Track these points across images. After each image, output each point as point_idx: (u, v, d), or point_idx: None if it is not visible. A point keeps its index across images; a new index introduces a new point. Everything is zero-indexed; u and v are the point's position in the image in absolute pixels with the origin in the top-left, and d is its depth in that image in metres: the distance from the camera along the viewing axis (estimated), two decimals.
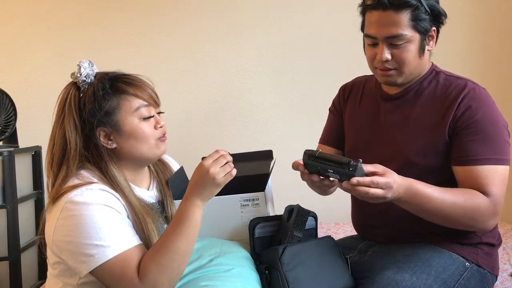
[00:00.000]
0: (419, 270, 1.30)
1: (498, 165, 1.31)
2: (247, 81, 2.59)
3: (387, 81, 1.43)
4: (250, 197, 1.39)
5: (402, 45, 1.35)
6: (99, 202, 1.19)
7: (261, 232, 1.36)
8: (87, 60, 1.31)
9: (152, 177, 1.44)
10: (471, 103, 1.34)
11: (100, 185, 1.23)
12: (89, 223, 1.15)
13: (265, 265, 1.30)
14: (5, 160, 2.11)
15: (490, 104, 1.37)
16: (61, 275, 1.26)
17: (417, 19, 1.33)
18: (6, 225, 2.11)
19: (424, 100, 1.42)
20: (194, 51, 2.58)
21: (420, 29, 1.35)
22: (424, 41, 1.38)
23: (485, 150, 1.32)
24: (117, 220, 1.20)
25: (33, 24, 2.55)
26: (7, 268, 2.13)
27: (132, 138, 1.29)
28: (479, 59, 2.55)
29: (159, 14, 2.57)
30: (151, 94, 1.33)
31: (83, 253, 1.15)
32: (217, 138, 2.60)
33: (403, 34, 1.33)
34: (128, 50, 2.55)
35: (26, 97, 2.53)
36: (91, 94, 1.28)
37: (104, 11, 2.56)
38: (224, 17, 2.58)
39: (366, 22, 1.40)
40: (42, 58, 2.55)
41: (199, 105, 2.59)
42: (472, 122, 1.33)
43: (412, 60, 1.37)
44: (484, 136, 1.32)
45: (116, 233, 1.17)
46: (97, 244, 1.14)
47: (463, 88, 1.37)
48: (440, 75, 1.45)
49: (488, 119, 1.34)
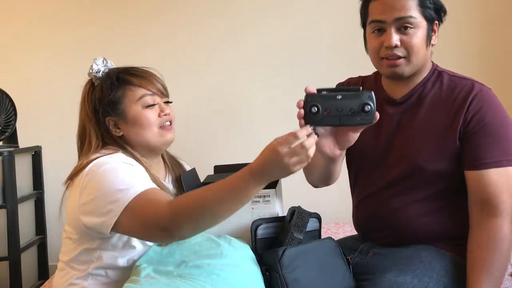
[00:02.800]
0: (420, 273, 1.29)
1: (510, 167, 1.31)
2: (247, 81, 2.59)
3: (393, 73, 1.36)
4: (261, 193, 1.39)
5: (411, 31, 1.31)
6: (120, 160, 1.28)
7: (263, 233, 1.35)
8: (102, 58, 1.42)
9: (167, 171, 1.50)
10: (480, 106, 1.32)
11: (123, 155, 1.32)
12: (109, 175, 1.22)
13: (266, 267, 1.29)
14: (5, 160, 2.11)
15: (497, 105, 1.35)
16: (76, 260, 1.30)
17: (424, 5, 1.32)
18: (6, 225, 2.12)
19: (429, 103, 1.39)
20: (194, 51, 2.58)
21: (428, 16, 1.33)
22: (431, 30, 1.35)
23: (496, 152, 1.30)
24: (135, 170, 1.27)
25: (33, 24, 2.55)
26: (7, 268, 2.13)
27: (136, 125, 1.37)
28: (482, 59, 2.55)
29: (159, 13, 2.57)
30: (156, 84, 1.40)
31: (109, 201, 1.19)
32: (217, 138, 2.60)
33: (413, 16, 1.30)
34: (129, 50, 2.54)
35: (26, 97, 2.52)
36: (100, 87, 1.38)
37: (104, 11, 2.56)
38: (224, 17, 2.58)
39: (371, 12, 1.36)
40: (42, 58, 2.55)
41: (199, 105, 2.59)
42: (483, 125, 1.31)
43: (421, 47, 1.33)
44: (495, 138, 1.31)
45: (136, 179, 1.23)
46: (120, 188, 1.19)
47: (471, 90, 1.34)
48: (443, 76, 1.41)
49: (498, 121, 1.32)
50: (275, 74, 2.59)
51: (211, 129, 2.60)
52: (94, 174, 1.23)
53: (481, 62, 2.53)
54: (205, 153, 2.56)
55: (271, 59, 2.58)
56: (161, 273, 1.19)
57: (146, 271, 1.20)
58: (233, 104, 2.60)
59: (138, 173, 1.27)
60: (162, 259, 1.25)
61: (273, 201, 1.39)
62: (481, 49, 2.54)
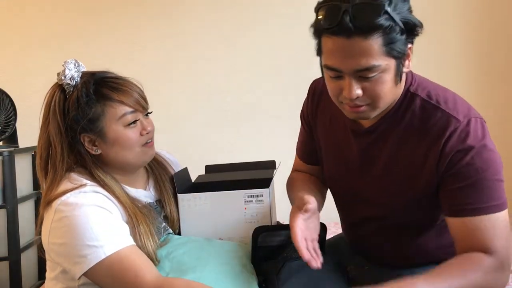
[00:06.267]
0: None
1: (496, 213, 1.11)
2: (248, 81, 2.59)
3: (357, 117, 1.17)
4: (254, 193, 1.38)
5: (375, 77, 1.06)
6: (91, 203, 1.18)
7: (263, 242, 1.31)
8: (73, 60, 1.28)
9: (149, 176, 1.43)
10: (458, 145, 1.10)
11: (93, 187, 1.23)
12: (81, 223, 1.14)
13: (263, 278, 1.26)
14: (5, 160, 2.11)
15: (480, 141, 1.11)
16: (60, 278, 1.25)
17: (391, 42, 1.03)
18: (6, 225, 2.11)
19: (401, 134, 1.18)
20: (194, 50, 2.58)
21: (396, 54, 1.05)
22: (400, 65, 1.09)
23: (480, 197, 1.10)
24: (110, 221, 1.18)
25: (33, 24, 2.56)
26: (7, 268, 2.13)
27: (116, 145, 1.27)
28: (483, 59, 2.55)
29: (159, 13, 2.57)
30: (137, 99, 1.27)
31: (77, 255, 1.14)
32: (217, 139, 2.61)
33: (376, 65, 1.04)
34: (129, 50, 2.55)
35: (26, 97, 2.52)
36: (75, 99, 1.24)
37: (104, 11, 2.56)
38: (223, 16, 2.58)
39: (324, 49, 1.08)
40: (42, 58, 2.55)
41: (199, 105, 2.59)
42: (462, 166, 1.10)
43: (388, 91, 1.10)
44: (477, 181, 1.10)
45: (109, 233, 1.15)
46: (89, 244, 1.13)
47: (446, 126, 1.12)
48: (416, 100, 1.17)
49: (480, 161, 1.10)
50: (274, 74, 2.59)
51: (210, 130, 2.60)
52: (63, 216, 1.16)
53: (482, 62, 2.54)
54: (204, 153, 2.56)
55: (270, 59, 2.59)
56: None
57: None
58: (234, 104, 2.60)
59: (111, 224, 1.18)
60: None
61: (267, 201, 1.38)
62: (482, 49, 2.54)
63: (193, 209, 1.39)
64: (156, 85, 2.19)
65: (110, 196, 1.24)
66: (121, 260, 1.14)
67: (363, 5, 1.01)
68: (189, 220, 1.40)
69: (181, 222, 1.40)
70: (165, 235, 1.36)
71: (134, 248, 1.18)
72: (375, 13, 1.00)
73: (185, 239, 1.35)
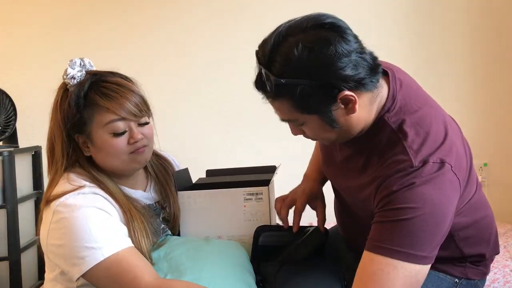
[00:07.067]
0: None
1: (408, 262, 0.98)
2: (247, 81, 2.59)
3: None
4: (254, 191, 1.39)
5: (303, 125, 1.10)
6: (90, 204, 1.18)
7: (264, 241, 1.32)
8: (79, 59, 1.27)
9: (149, 178, 1.43)
10: (394, 185, 1.03)
11: (92, 188, 1.23)
12: (79, 225, 1.14)
13: (261, 278, 1.26)
14: (5, 160, 2.11)
15: (423, 184, 1.01)
16: (59, 279, 1.25)
17: (301, 101, 1.02)
18: (6, 225, 2.11)
19: (365, 160, 1.15)
20: (194, 50, 2.58)
21: (314, 110, 1.04)
22: (329, 114, 1.05)
23: (393, 237, 1.00)
24: (108, 222, 1.18)
25: (33, 24, 2.55)
26: (7, 268, 2.12)
27: (102, 151, 1.25)
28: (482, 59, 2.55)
29: (159, 13, 2.57)
30: (128, 107, 1.22)
31: (75, 256, 1.14)
32: (217, 139, 2.60)
33: (292, 119, 1.08)
34: (129, 50, 2.55)
35: (26, 97, 2.52)
36: (69, 100, 1.24)
37: (104, 10, 2.56)
38: (224, 17, 2.58)
39: None
40: (42, 58, 2.55)
41: (198, 105, 2.59)
42: (387, 202, 1.04)
43: (324, 134, 1.11)
44: (397, 220, 1.01)
45: (107, 235, 1.15)
46: (88, 246, 1.13)
47: (397, 164, 1.05)
48: (385, 129, 1.11)
49: (412, 202, 1.00)
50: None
51: (210, 130, 2.60)
52: (62, 217, 1.16)
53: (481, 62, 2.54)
54: (204, 154, 2.56)
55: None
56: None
57: None
58: (233, 105, 2.60)
59: (110, 226, 1.17)
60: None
61: (266, 199, 1.38)
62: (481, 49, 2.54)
63: (192, 207, 1.39)
64: (157, 90, 2.18)
65: (109, 198, 1.24)
66: (119, 262, 1.13)
67: (260, 73, 1.06)
68: (188, 217, 1.40)
69: (181, 219, 1.40)
70: (163, 236, 1.36)
71: (133, 250, 1.18)
72: (268, 80, 1.04)
73: (182, 240, 1.35)
